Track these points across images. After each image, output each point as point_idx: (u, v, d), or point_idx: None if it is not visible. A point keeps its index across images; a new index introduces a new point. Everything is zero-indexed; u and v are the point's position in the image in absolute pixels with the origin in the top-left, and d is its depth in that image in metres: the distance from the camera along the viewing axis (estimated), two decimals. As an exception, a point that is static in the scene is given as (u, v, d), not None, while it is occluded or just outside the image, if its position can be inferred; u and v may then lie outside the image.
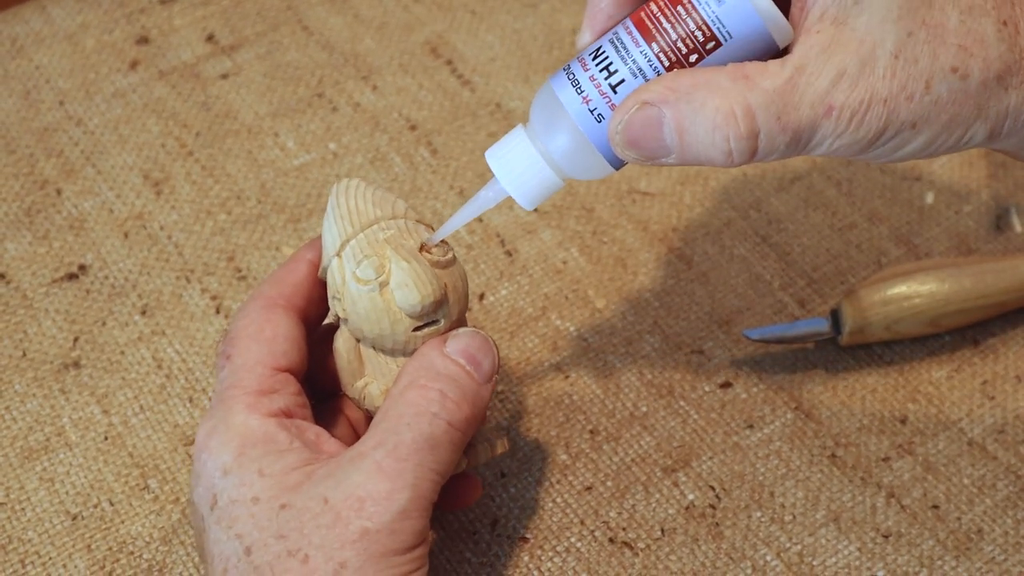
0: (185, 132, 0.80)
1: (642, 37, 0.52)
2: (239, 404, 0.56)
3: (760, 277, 0.74)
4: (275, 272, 0.60)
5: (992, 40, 0.51)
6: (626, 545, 0.64)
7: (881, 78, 0.50)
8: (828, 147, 0.51)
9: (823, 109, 0.50)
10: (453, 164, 0.79)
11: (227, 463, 0.55)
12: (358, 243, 0.57)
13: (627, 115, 0.52)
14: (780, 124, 0.50)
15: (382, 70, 0.83)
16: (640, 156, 0.52)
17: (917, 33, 0.50)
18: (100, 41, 0.84)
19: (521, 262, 0.74)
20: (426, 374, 0.56)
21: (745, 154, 0.51)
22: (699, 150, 0.51)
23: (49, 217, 0.75)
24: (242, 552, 0.53)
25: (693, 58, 0.52)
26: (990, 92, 0.51)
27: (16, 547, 0.63)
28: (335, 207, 0.58)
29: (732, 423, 0.68)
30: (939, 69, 0.50)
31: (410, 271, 0.56)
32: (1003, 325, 0.72)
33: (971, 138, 0.52)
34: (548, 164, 0.55)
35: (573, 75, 0.54)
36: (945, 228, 0.76)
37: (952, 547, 0.64)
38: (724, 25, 0.51)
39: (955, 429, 0.68)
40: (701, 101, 0.50)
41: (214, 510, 0.54)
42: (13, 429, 0.67)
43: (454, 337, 0.58)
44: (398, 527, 0.53)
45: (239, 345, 0.58)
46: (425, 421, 0.55)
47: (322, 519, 0.53)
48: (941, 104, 0.51)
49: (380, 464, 0.54)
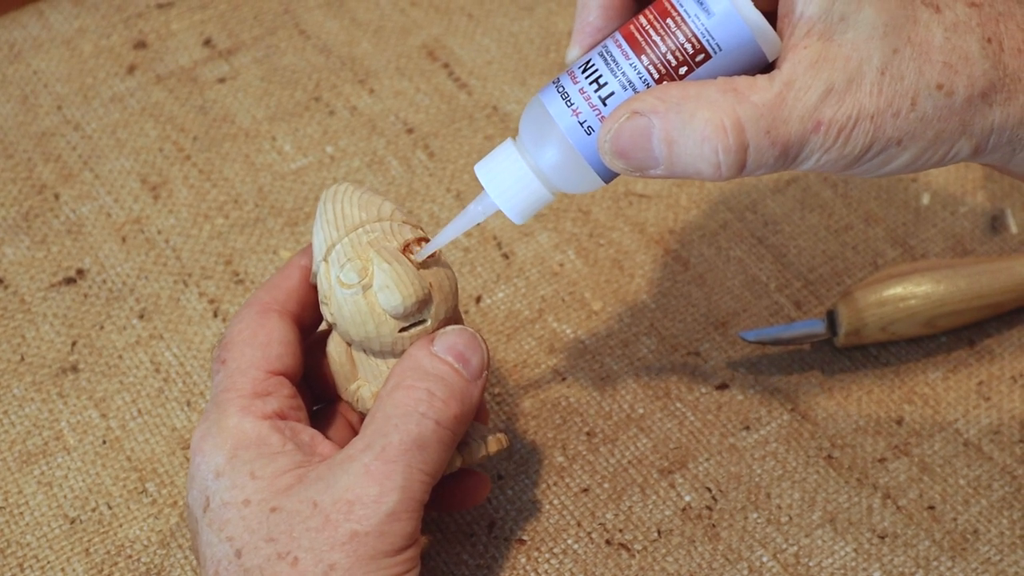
0: (183, 136, 0.80)
1: (632, 50, 0.52)
2: (233, 407, 0.56)
3: (756, 279, 0.74)
4: (270, 278, 0.61)
5: (977, 57, 0.51)
6: (623, 547, 0.64)
7: (868, 94, 0.50)
8: (815, 162, 0.52)
9: (812, 124, 0.50)
10: (450, 167, 0.79)
11: (220, 465, 0.55)
12: (343, 247, 0.57)
13: (616, 124, 0.52)
14: (769, 138, 0.50)
15: (379, 73, 0.83)
16: (628, 167, 0.52)
17: (903, 50, 0.50)
18: (98, 46, 0.84)
19: (518, 264, 0.74)
20: (413, 374, 0.56)
21: (733, 168, 0.51)
22: (687, 162, 0.51)
23: (47, 222, 0.76)
24: (233, 555, 0.54)
25: (683, 71, 0.52)
26: (975, 109, 0.51)
27: (14, 551, 0.64)
28: (323, 212, 0.58)
29: (728, 425, 0.68)
30: (925, 86, 0.51)
31: (391, 272, 0.56)
32: (999, 326, 0.72)
33: (956, 154, 0.52)
34: (537, 178, 0.55)
35: (563, 88, 0.54)
36: (941, 229, 0.76)
37: (948, 548, 0.64)
38: (713, 38, 0.51)
39: (951, 430, 0.68)
40: (691, 112, 0.50)
41: (207, 512, 0.55)
42: (11, 433, 0.67)
43: (441, 335, 0.58)
44: (387, 529, 0.54)
45: (234, 350, 0.58)
46: (413, 421, 0.55)
47: (311, 522, 0.53)
48: (927, 121, 0.51)
49: (368, 467, 0.54)
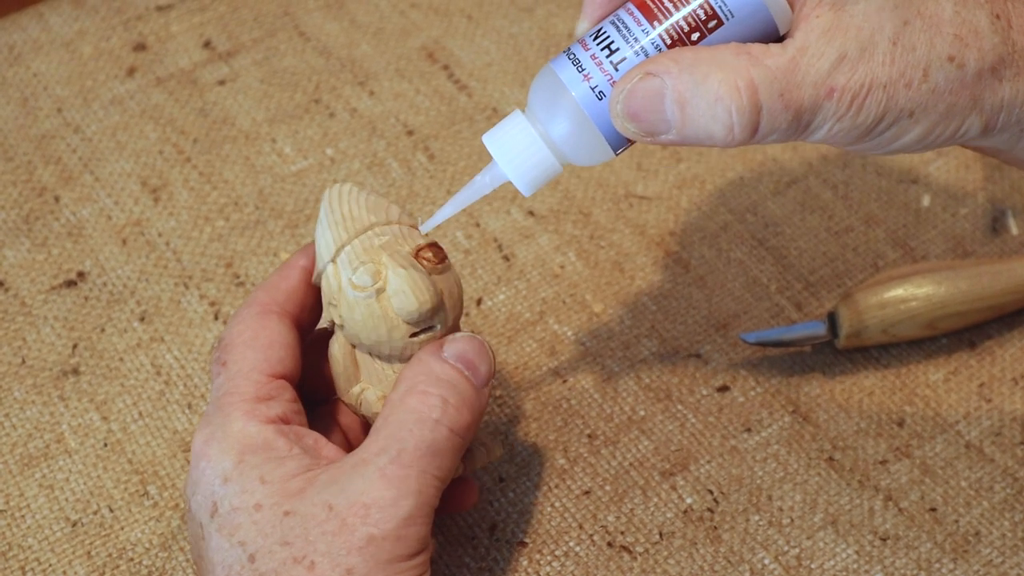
0: (183, 138, 0.80)
1: (644, 17, 0.53)
2: (237, 411, 0.56)
3: (757, 280, 0.74)
4: (269, 279, 0.60)
5: (986, 31, 0.51)
6: (624, 549, 0.64)
7: (880, 64, 0.51)
8: (828, 131, 0.52)
9: (825, 90, 0.51)
10: (450, 169, 0.79)
11: (227, 470, 0.55)
12: (353, 249, 0.57)
13: (629, 85, 0.52)
14: (783, 102, 0.50)
15: (379, 75, 0.83)
16: (640, 130, 0.52)
17: (913, 22, 0.51)
18: (97, 48, 0.84)
19: (519, 267, 0.74)
20: (426, 379, 0.56)
21: (747, 129, 0.51)
22: (700, 124, 0.51)
23: (47, 224, 0.75)
24: (246, 559, 0.53)
25: (695, 36, 0.52)
26: (985, 83, 0.52)
27: (16, 554, 0.64)
28: (329, 212, 0.58)
29: (730, 427, 0.68)
30: (936, 57, 0.51)
31: (407, 278, 0.56)
32: (1000, 327, 0.72)
33: (967, 130, 0.53)
34: (547, 147, 0.55)
35: (574, 55, 0.54)
36: (941, 231, 0.76)
37: (950, 550, 0.64)
38: (726, 4, 0.52)
39: (952, 432, 0.68)
40: (704, 73, 0.50)
41: (215, 518, 0.54)
42: (12, 436, 0.67)
43: (451, 342, 0.57)
44: (403, 533, 0.54)
45: (234, 352, 0.58)
46: (428, 428, 0.55)
47: (327, 526, 0.53)
48: (938, 93, 0.51)
49: (384, 471, 0.54)
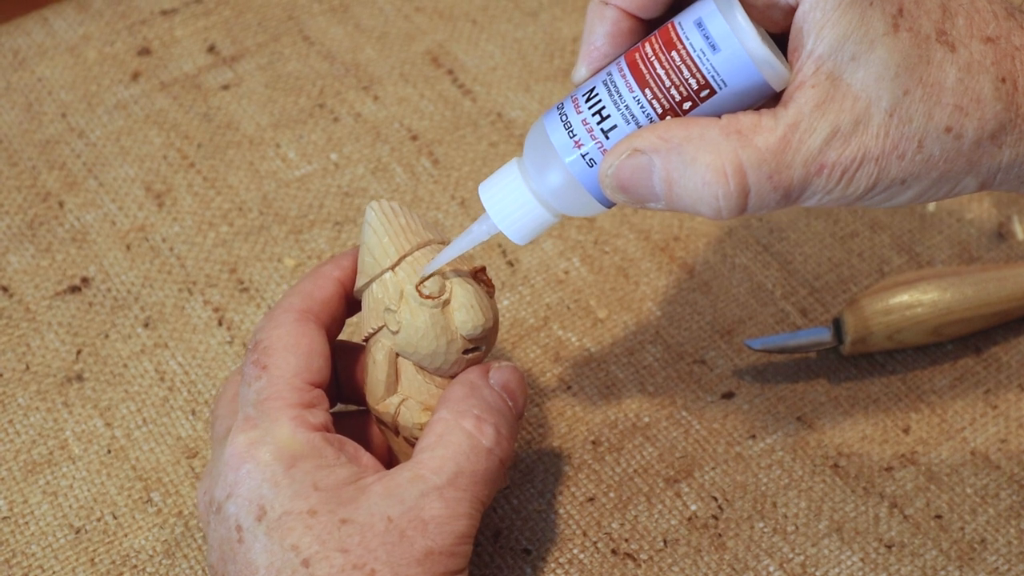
0: (187, 143, 0.80)
1: (635, 82, 0.52)
2: (284, 416, 0.57)
3: (762, 286, 0.74)
4: (301, 285, 0.61)
5: (989, 99, 0.50)
6: (629, 556, 0.64)
7: (874, 136, 0.50)
8: (817, 201, 0.52)
9: (815, 167, 0.50)
10: (454, 174, 0.79)
11: (277, 475, 0.55)
12: (416, 260, 0.58)
13: (618, 160, 0.52)
14: (772, 183, 0.50)
15: (383, 80, 0.83)
16: (629, 200, 0.53)
17: (913, 92, 0.50)
18: (102, 53, 0.84)
19: (523, 272, 0.74)
20: (479, 404, 0.58)
21: (734, 210, 0.51)
22: (687, 202, 0.51)
23: (51, 230, 0.75)
24: (298, 563, 0.54)
25: (687, 105, 0.51)
26: (983, 150, 0.51)
27: (20, 561, 0.63)
28: (386, 223, 0.59)
29: (734, 433, 0.68)
30: (933, 129, 0.50)
31: (475, 294, 0.58)
32: (1006, 334, 0.72)
33: (962, 189, 0.52)
34: (540, 203, 0.55)
35: (566, 116, 0.53)
36: (947, 236, 0.76)
37: (955, 557, 0.64)
38: (719, 74, 0.50)
39: (958, 438, 0.68)
40: (692, 155, 0.50)
41: (262, 521, 0.55)
42: (16, 442, 0.67)
43: (498, 370, 0.59)
44: (457, 551, 0.56)
45: (276, 356, 0.58)
46: (483, 456, 0.57)
47: (388, 536, 0.54)
48: (932, 162, 0.51)
49: (442, 491, 0.56)
